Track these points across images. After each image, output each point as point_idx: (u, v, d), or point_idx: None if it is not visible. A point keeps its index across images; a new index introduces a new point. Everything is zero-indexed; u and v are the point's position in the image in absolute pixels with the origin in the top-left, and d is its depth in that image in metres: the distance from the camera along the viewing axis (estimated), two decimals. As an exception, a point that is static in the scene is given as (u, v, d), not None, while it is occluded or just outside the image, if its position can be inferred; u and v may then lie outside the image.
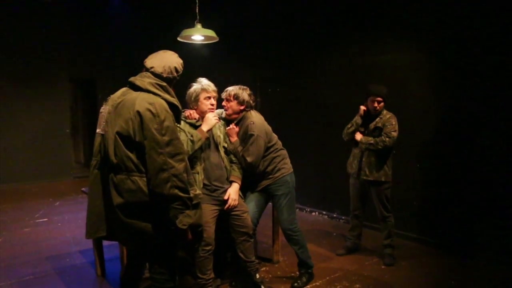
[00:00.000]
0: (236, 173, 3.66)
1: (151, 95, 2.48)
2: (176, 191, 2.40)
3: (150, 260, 2.74)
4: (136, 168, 2.45)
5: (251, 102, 3.80)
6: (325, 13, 6.05)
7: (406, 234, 5.13)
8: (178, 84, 3.41)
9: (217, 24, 5.33)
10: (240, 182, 3.65)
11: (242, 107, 3.75)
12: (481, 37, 4.40)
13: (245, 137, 3.69)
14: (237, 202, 3.55)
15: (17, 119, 8.58)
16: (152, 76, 2.58)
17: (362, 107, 4.44)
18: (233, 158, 3.71)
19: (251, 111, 3.82)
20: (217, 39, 4.73)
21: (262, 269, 4.30)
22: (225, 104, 3.79)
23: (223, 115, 3.86)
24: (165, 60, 2.65)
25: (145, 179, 2.44)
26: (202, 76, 3.67)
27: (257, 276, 3.71)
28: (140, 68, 2.69)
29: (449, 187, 4.77)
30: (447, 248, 4.76)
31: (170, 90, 2.61)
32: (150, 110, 2.40)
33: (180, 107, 2.62)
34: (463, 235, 4.67)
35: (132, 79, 2.61)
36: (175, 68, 2.68)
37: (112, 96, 2.67)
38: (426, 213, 5.01)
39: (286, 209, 3.82)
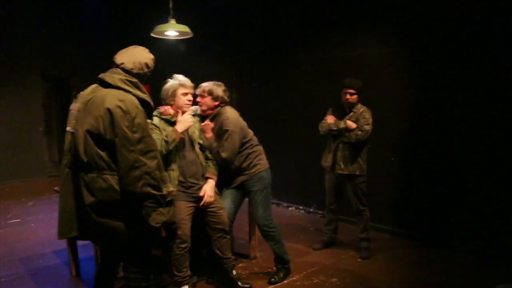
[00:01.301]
0: (211, 170, 3.64)
1: (121, 91, 2.44)
2: (149, 189, 2.37)
3: (124, 259, 2.71)
4: (107, 166, 2.41)
5: (226, 97, 3.77)
6: (301, 8, 6.05)
7: (381, 227, 5.19)
8: (154, 80, 3.39)
9: (191, 19, 5.27)
10: (215, 179, 3.63)
11: (216, 103, 3.72)
12: (452, 29, 4.47)
13: (220, 132, 3.67)
14: (213, 199, 3.53)
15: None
16: (123, 73, 2.53)
17: (330, 117, 4.47)
18: (209, 155, 3.68)
19: (226, 106, 3.80)
20: (191, 35, 4.69)
21: (239, 265, 4.29)
22: (199, 100, 3.76)
23: (198, 112, 3.83)
24: (136, 56, 2.61)
25: (116, 177, 2.40)
26: (178, 72, 3.65)
27: (234, 272, 3.71)
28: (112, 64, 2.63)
29: (423, 180, 4.84)
30: (422, 240, 4.84)
31: (141, 86, 2.56)
32: (120, 107, 2.36)
33: (151, 103, 2.57)
34: (438, 226, 4.75)
35: (102, 75, 2.56)
36: (146, 64, 2.64)
37: (82, 93, 2.61)
38: (401, 205, 5.08)
39: (262, 205, 3.82)
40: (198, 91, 3.73)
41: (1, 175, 8.46)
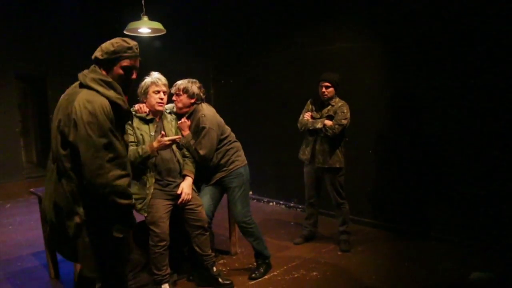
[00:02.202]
0: (189, 167, 3.62)
1: (93, 92, 2.27)
2: (114, 197, 2.21)
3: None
4: (64, 170, 2.26)
5: (202, 94, 3.76)
6: (275, 3, 6.04)
7: (361, 220, 5.23)
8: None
9: (165, 16, 5.24)
10: (193, 176, 3.62)
11: (192, 101, 3.70)
12: (431, 22, 4.50)
13: (197, 130, 3.65)
14: (190, 196, 3.52)
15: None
16: (98, 70, 2.37)
17: (308, 114, 4.50)
18: (186, 153, 3.67)
19: (202, 104, 3.78)
20: (164, 32, 4.65)
21: (220, 261, 4.29)
22: (175, 99, 3.74)
23: (174, 109, 3.80)
24: (104, 43, 2.43)
25: (73, 185, 2.25)
26: (154, 70, 3.62)
27: (214, 269, 3.71)
28: (90, 63, 2.54)
29: (402, 172, 4.90)
30: (402, 232, 4.89)
31: (116, 86, 2.35)
32: (87, 109, 2.18)
33: (124, 106, 2.35)
34: (417, 218, 4.81)
35: (79, 74, 2.41)
36: (111, 43, 2.39)
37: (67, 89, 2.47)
38: (379, 198, 5.14)
39: (240, 202, 3.82)
40: (173, 90, 3.71)
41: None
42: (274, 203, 6.47)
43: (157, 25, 4.48)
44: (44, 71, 9.14)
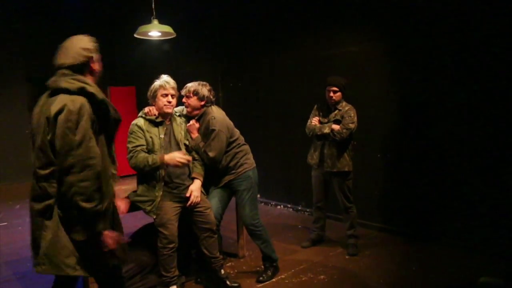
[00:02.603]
0: (198, 170, 3.64)
1: (70, 96, 2.23)
2: (78, 199, 2.14)
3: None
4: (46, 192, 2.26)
5: (211, 97, 3.78)
6: (284, 7, 6.06)
7: (369, 224, 5.22)
8: (139, 81, 3.38)
9: (175, 19, 5.28)
10: (202, 179, 3.64)
11: (202, 103, 3.72)
12: (441, 25, 4.48)
13: (207, 132, 3.68)
14: (199, 199, 3.53)
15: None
16: (68, 72, 2.34)
17: (316, 119, 4.51)
18: (195, 155, 3.68)
19: (212, 106, 3.81)
20: (174, 35, 4.68)
21: (228, 264, 4.30)
22: (185, 101, 3.76)
23: (184, 112, 3.83)
24: (70, 48, 2.42)
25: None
26: (164, 72, 3.65)
27: (222, 271, 3.71)
28: (103, 66, 2.55)
29: (410, 176, 4.88)
30: (410, 235, 4.87)
31: (88, 81, 2.35)
32: (68, 107, 2.17)
33: (98, 97, 2.30)
34: (425, 222, 4.79)
35: (48, 82, 2.39)
36: (83, 48, 2.41)
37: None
38: (388, 202, 5.12)
39: (248, 205, 3.83)
40: (183, 92, 3.73)
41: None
42: (282, 206, 6.48)
43: (167, 28, 4.51)
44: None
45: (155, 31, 4.57)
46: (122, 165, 3.50)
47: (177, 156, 3.35)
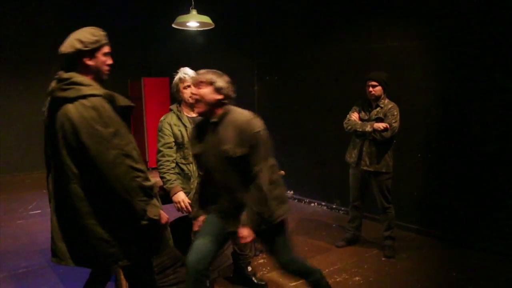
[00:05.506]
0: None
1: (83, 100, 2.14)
2: (139, 181, 2.17)
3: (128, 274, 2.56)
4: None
5: (231, 93, 2.72)
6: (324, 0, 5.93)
7: (407, 226, 5.06)
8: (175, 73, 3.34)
9: (213, 10, 5.21)
10: None
11: (219, 97, 2.64)
12: (487, 23, 4.29)
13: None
14: None
15: (10, 110, 8.45)
16: (61, 73, 2.26)
17: (355, 115, 4.39)
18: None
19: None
20: (212, 26, 4.62)
21: (260, 261, 4.22)
22: (191, 93, 2.81)
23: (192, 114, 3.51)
24: (68, 39, 2.32)
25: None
26: (198, 64, 3.60)
27: (249, 268, 3.69)
28: (135, 57, 2.47)
29: (451, 178, 4.69)
30: (449, 240, 4.70)
31: (84, 81, 2.21)
32: (86, 106, 2.11)
33: (98, 94, 2.18)
34: (465, 226, 4.60)
35: (48, 90, 2.28)
36: (78, 40, 2.27)
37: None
38: (427, 204, 4.94)
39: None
40: (191, 80, 3.24)
41: (23, 166, 8.58)
42: (316, 204, 6.35)
43: (206, 19, 4.44)
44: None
45: (193, 22, 4.52)
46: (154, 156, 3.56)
47: (183, 200, 3.26)
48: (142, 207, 2.19)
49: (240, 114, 2.67)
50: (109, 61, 2.39)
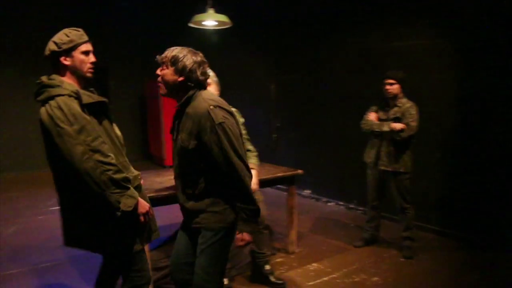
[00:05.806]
0: (253, 161, 3.52)
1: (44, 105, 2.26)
2: (109, 174, 2.20)
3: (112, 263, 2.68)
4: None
5: (200, 76, 2.36)
6: (343, -3, 5.88)
7: (426, 226, 4.99)
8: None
9: (230, 9, 5.20)
10: (257, 169, 3.49)
11: (180, 79, 2.34)
12: (507, 21, 4.21)
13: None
14: (257, 187, 3.40)
15: (29, 108, 8.55)
16: (41, 78, 2.35)
17: (372, 114, 4.35)
18: (249, 147, 3.57)
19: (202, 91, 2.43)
20: (230, 24, 4.60)
21: (278, 260, 4.22)
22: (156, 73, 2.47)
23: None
24: (49, 41, 2.37)
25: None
26: (215, 62, 3.58)
27: (267, 267, 3.68)
28: (152, 56, 2.47)
29: (471, 179, 4.62)
30: (470, 241, 4.62)
31: (54, 81, 2.30)
32: (51, 106, 2.20)
33: (64, 93, 2.24)
34: (485, 228, 4.53)
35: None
36: (52, 41, 2.34)
37: None
38: (446, 204, 4.87)
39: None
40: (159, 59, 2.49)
41: (42, 163, 8.61)
42: (334, 203, 6.31)
43: (223, 17, 4.43)
44: (107, 63, 9.33)
45: (210, 20, 4.51)
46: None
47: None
48: (116, 199, 2.23)
49: (203, 102, 2.29)
50: (91, 59, 2.47)
